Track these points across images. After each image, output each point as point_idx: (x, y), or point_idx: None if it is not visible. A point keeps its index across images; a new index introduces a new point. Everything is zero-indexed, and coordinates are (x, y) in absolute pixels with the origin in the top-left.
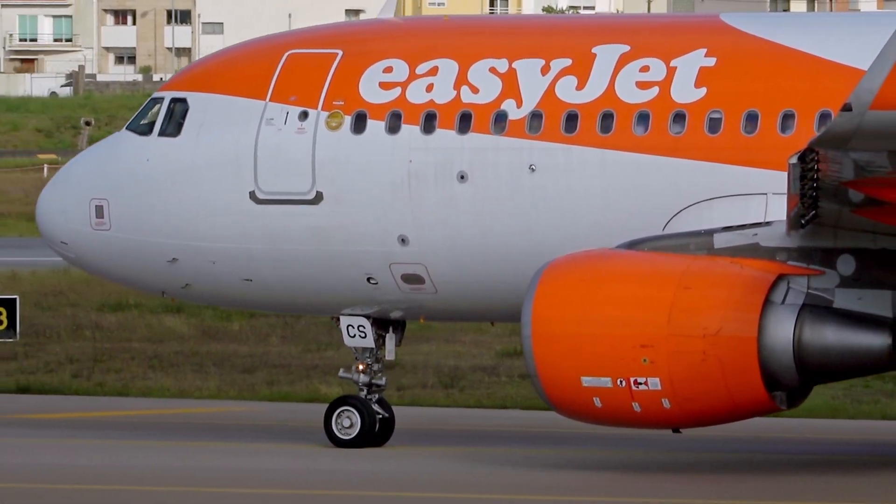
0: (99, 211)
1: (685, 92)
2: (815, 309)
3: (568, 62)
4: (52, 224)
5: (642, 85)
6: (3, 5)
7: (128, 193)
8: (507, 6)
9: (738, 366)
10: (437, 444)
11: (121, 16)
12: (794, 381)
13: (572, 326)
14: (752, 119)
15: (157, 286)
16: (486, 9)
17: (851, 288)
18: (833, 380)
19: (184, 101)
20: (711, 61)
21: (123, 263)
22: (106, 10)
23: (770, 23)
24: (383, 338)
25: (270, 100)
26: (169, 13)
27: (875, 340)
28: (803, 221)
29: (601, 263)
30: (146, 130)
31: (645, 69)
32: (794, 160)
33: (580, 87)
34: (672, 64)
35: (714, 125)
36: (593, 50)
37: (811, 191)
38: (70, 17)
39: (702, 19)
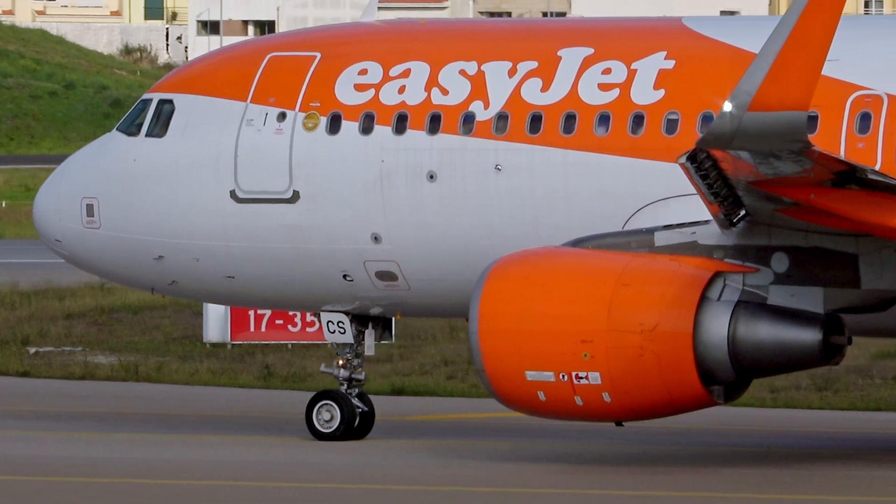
0: (90, 210)
1: (644, 93)
2: (750, 305)
3: (534, 65)
4: (47, 222)
5: (604, 87)
6: (380, 6)
7: (116, 192)
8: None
9: (674, 361)
10: (812, 448)
11: (496, 17)
12: (730, 375)
13: (516, 322)
14: (707, 120)
15: (146, 283)
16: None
17: (785, 285)
18: (768, 374)
19: (171, 102)
20: (670, 64)
21: (113, 261)
22: (482, 12)
23: (730, 26)
24: (363, 334)
25: (251, 101)
26: (544, 14)
27: (807, 336)
28: (734, 220)
29: (545, 261)
30: (134, 131)
31: (607, 71)
32: (683, 160)
33: (545, 88)
34: (633, 66)
35: (671, 126)
36: (559, 53)
37: (722, 190)
38: None
39: (665, 23)
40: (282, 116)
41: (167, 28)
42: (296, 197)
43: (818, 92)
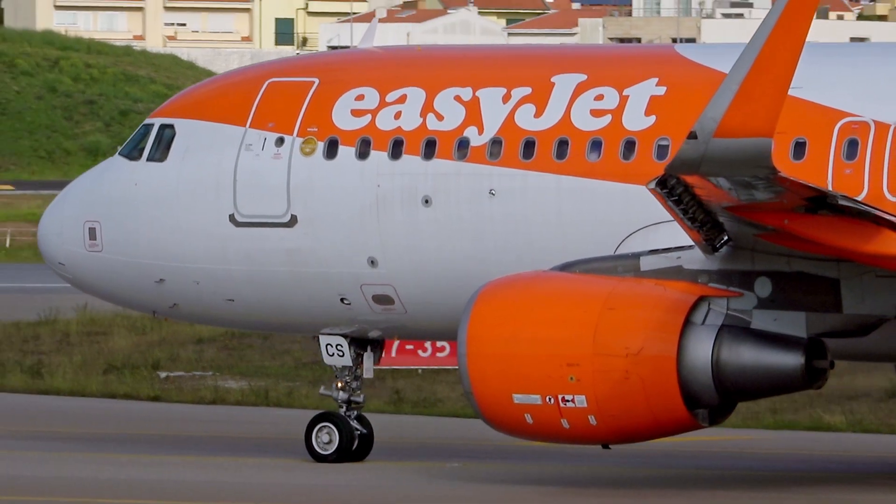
0: (92, 233)
1: (636, 119)
2: (734, 329)
3: (528, 91)
4: (50, 245)
5: (596, 113)
6: (510, 33)
7: (118, 216)
8: None
9: (659, 384)
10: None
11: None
12: (714, 399)
13: (504, 346)
14: None
15: (148, 306)
16: None
17: (768, 309)
18: (751, 398)
19: (171, 127)
20: (662, 90)
21: (115, 284)
22: (611, 38)
23: (721, 53)
24: (362, 357)
25: (250, 126)
26: (674, 41)
27: (789, 360)
28: (717, 245)
29: (533, 285)
30: (136, 156)
31: (599, 98)
32: (652, 185)
33: (538, 114)
34: (625, 93)
35: (662, 152)
36: (552, 79)
37: (700, 215)
38: None
39: (657, 50)
40: (280, 141)
41: (297, 53)
42: (293, 221)
43: (807, 118)
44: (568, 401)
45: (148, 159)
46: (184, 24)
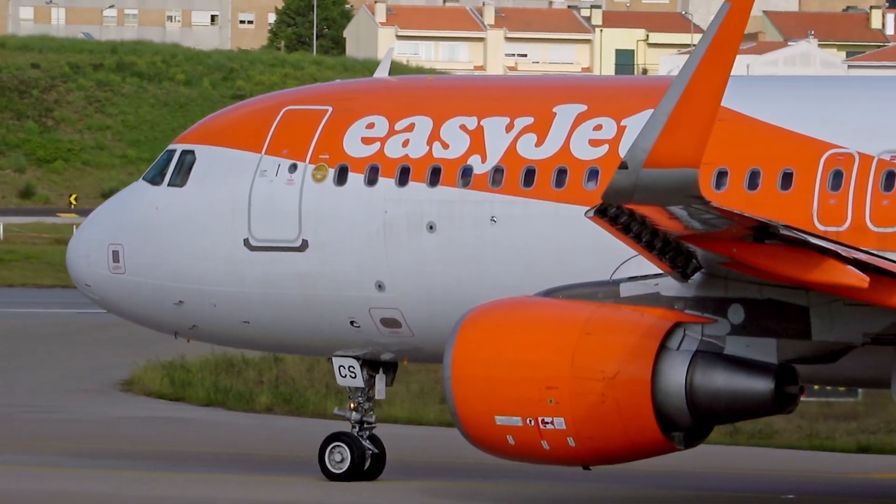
0: (115, 255)
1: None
2: (707, 355)
3: (530, 120)
4: (78, 268)
5: (594, 143)
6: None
7: (140, 239)
8: None
9: (634, 407)
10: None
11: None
12: (688, 422)
13: (486, 369)
14: None
15: (169, 327)
16: None
17: (741, 336)
18: (724, 422)
19: (192, 153)
20: None
21: (138, 305)
22: None
23: None
24: (374, 378)
25: (265, 153)
26: None
27: (760, 385)
28: (687, 272)
29: (516, 310)
30: (158, 180)
31: (598, 128)
32: (591, 214)
33: (539, 143)
34: (623, 123)
35: None
36: (554, 109)
37: (657, 242)
38: None
39: (656, 81)
40: (293, 168)
41: None
42: (305, 245)
43: (794, 149)
44: (547, 423)
45: (169, 184)
46: (524, 55)
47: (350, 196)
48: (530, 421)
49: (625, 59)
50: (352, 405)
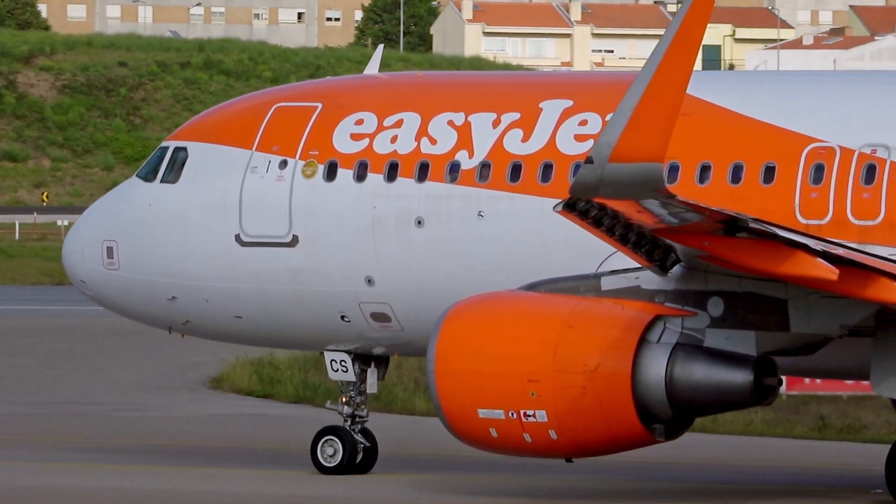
0: (109, 252)
1: None
2: (687, 348)
3: (517, 116)
4: (73, 264)
5: (579, 137)
6: None
7: (133, 236)
8: None
9: (615, 400)
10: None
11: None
12: (669, 414)
13: (469, 362)
14: (673, 171)
15: (163, 323)
16: None
17: (720, 328)
18: (704, 414)
19: (185, 150)
20: None
21: (132, 301)
22: None
23: (700, 81)
24: (366, 372)
25: (256, 149)
26: None
27: (739, 377)
28: (667, 265)
29: (498, 304)
30: (151, 177)
31: (583, 123)
32: (559, 208)
33: (525, 139)
34: (608, 118)
35: None
36: (540, 105)
37: (631, 236)
38: None
39: None
40: (283, 164)
41: None
42: (295, 241)
43: (776, 143)
44: (529, 416)
45: (161, 181)
46: (611, 51)
47: (339, 192)
48: (513, 414)
49: (711, 55)
50: (343, 399)
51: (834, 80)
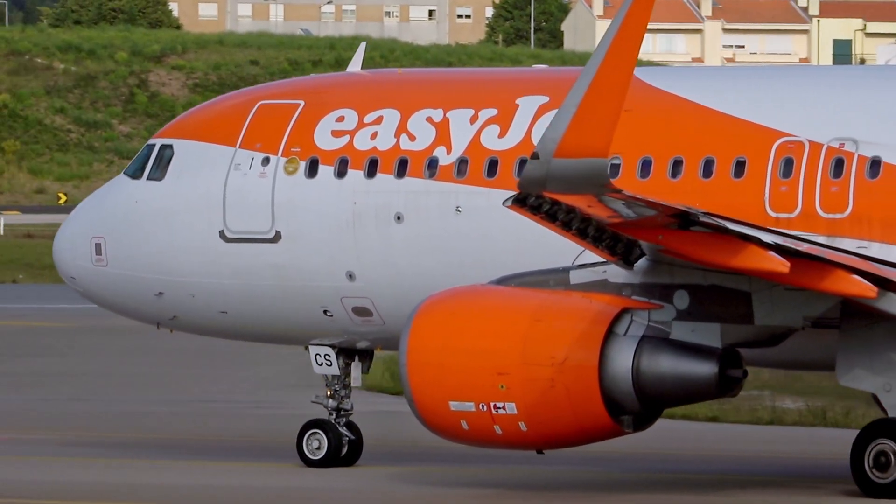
0: (98, 248)
1: None
2: (653, 340)
3: (494, 112)
4: (63, 261)
5: None
6: None
7: (121, 232)
8: None
9: (582, 392)
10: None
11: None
12: (636, 406)
13: (440, 356)
14: (646, 165)
15: (151, 318)
16: None
17: (686, 321)
18: (670, 405)
19: (171, 147)
20: None
21: (120, 297)
22: None
23: (675, 77)
24: (350, 366)
25: (240, 146)
26: None
27: (704, 369)
28: (632, 259)
29: (469, 298)
30: (138, 175)
31: None
32: (509, 203)
33: (502, 134)
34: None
35: (613, 170)
36: (517, 101)
37: (591, 230)
38: None
39: None
40: (266, 161)
41: None
42: (278, 237)
43: (747, 138)
44: (499, 408)
45: (148, 178)
46: (742, 46)
47: (321, 188)
48: (483, 406)
49: (842, 50)
50: (328, 393)
51: (805, 74)
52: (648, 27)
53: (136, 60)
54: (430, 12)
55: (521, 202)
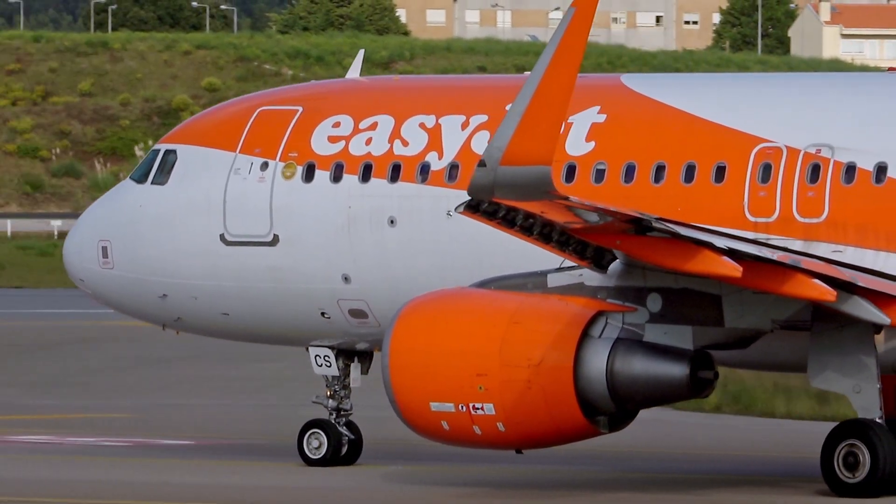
0: (104, 251)
1: (577, 145)
2: (627, 342)
3: (485, 118)
4: (72, 264)
5: None
6: None
7: (126, 235)
8: None
9: (558, 393)
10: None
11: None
12: (610, 407)
13: (421, 357)
14: (630, 171)
15: (157, 319)
16: None
17: (659, 323)
18: (644, 406)
19: (174, 152)
20: (602, 118)
21: (127, 299)
22: None
23: (660, 85)
24: (349, 367)
25: (240, 152)
26: None
27: (675, 371)
28: (604, 263)
29: (449, 301)
30: (143, 179)
31: None
32: (460, 210)
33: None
34: (569, 119)
35: (599, 176)
36: (507, 108)
37: (554, 235)
38: None
39: (603, 80)
40: (264, 166)
41: None
42: (276, 240)
43: (727, 143)
44: (478, 409)
45: (152, 183)
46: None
47: (317, 192)
48: (462, 407)
49: None
50: (328, 393)
51: (784, 83)
52: (875, 34)
53: (365, 66)
54: (658, 18)
55: (473, 208)
